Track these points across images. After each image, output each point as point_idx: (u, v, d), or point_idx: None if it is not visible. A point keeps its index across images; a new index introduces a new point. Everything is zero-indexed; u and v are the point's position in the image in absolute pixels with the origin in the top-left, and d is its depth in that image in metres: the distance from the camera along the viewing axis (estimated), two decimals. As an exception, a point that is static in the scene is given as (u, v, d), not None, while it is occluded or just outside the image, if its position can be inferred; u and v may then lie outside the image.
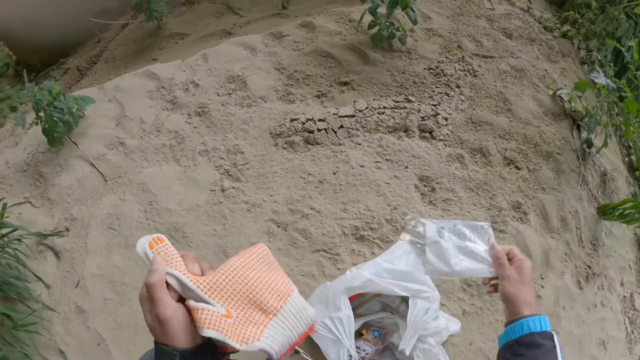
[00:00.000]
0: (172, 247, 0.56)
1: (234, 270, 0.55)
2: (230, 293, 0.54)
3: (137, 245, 0.54)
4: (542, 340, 0.66)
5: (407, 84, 1.58)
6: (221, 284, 0.54)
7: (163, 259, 0.54)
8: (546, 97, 1.79)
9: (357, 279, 1.04)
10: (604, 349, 1.75)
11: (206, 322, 0.51)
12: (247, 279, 0.55)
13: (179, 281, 0.53)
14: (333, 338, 1.03)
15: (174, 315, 0.51)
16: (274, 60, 1.64)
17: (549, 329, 0.68)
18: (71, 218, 1.49)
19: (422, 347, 1.10)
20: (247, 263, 0.57)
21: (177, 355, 0.51)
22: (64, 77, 2.68)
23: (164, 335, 0.52)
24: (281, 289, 0.57)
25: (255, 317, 0.55)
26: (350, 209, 1.29)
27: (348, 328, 1.02)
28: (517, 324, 0.69)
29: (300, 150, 1.39)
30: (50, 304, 1.34)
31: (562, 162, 1.66)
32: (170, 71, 1.79)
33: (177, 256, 0.55)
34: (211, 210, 1.38)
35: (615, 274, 1.92)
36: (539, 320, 0.68)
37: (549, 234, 1.55)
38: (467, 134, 1.51)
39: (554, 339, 0.67)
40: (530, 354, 0.66)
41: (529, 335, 0.67)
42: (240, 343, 0.52)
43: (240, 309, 0.55)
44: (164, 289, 0.52)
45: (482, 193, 1.43)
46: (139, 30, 2.40)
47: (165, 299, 0.51)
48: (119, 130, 1.69)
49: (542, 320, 0.68)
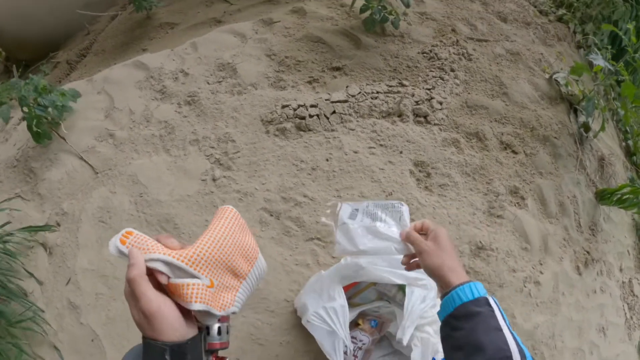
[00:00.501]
0: (143, 235, 0.54)
1: (214, 239, 0.56)
2: (211, 262, 0.55)
3: (109, 247, 0.53)
4: (477, 308, 0.63)
5: (401, 69, 1.55)
6: (204, 254, 0.54)
7: (139, 250, 0.52)
8: (542, 81, 1.76)
9: (351, 268, 1.02)
10: (603, 334, 1.74)
11: (193, 296, 0.51)
12: (224, 246, 0.56)
13: (164, 262, 0.52)
14: (328, 329, 1.00)
15: (159, 309, 0.50)
16: (265, 47, 1.60)
17: (482, 294, 0.64)
18: (62, 212, 1.46)
19: (419, 336, 1.08)
20: (223, 230, 0.57)
21: (167, 349, 0.50)
22: (54, 71, 2.63)
23: (152, 330, 0.50)
24: (250, 253, 0.60)
25: (229, 282, 0.57)
26: (344, 196, 1.26)
27: (343, 318, 0.99)
28: (448, 298, 0.66)
29: (292, 137, 1.36)
30: (43, 300, 1.32)
31: (560, 147, 1.64)
32: (160, 61, 1.75)
33: (151, 241, 0.54)
34: (202, 201, 1.35)
35: (614, 260, 1.91)
36: (470, 288, 0.65)
37: (547, 219, 1.53)
38: (462, 118, 1.48)
39: (489, 303, 0.63)
40: (468, 326, 0.62)
41: (462, 306, 0.63)
42: (219, 309, 0.54)
43: (219, 277, 0.56)
44: (145, 282, 0.50)
45: (479, 178, 1.40)
46: (128, 21, 2.35)
47: (148, 293, 0.50)
48: (109, 122, 1.65)
49: (472, 287, 0.65)
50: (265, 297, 1.17)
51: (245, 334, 1.18)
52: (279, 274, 1.18)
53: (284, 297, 1.17)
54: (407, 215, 0.83)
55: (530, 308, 1.38)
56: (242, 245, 0.59)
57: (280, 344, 1.16)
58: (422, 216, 1.27)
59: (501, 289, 1.33)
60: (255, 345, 1.17)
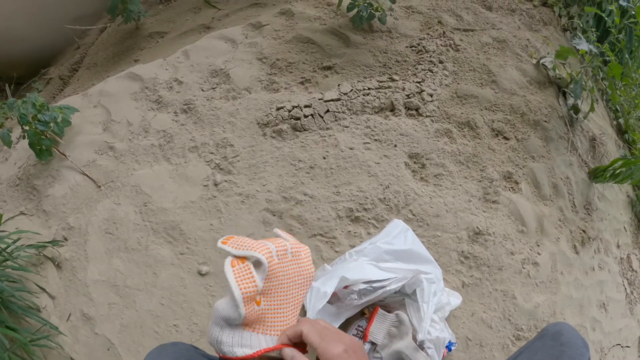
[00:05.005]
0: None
1: (285, 277, 0.66)
2: (272, 291, 0.65)
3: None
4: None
5: (390, 63, 1.58)
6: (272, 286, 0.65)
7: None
8: (530, 67, 1.80)
9: (356, 272, 1.04)
10: (604, 310, 1.79)
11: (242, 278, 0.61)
12: (287, 291, 0.67)
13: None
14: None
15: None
16: (256, 51, 1.63)
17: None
18: (68, 227, 1.49)
19: (431, 333, 1.11)
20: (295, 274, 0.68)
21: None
22: (46, 87, 2.65)
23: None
24: (292, 318, 0.70)
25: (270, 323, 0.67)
26: (343, 192, 1.30)
27: (314, 301, 0.99)
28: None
29: (288, 137, 1.39)
30: (57, 314, 1.34)
31: (550, 130, 1.67)
32: (153, 71, 1.78)
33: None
34: (206, 206, 1.38)
35: (611, 237, 1.95)
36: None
37: (541, 202, 1.57)
38: (453, 109, 1.51)
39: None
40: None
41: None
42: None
43: (268, 306, 0.65)
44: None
45: (473, 166, 1.44)
46: (118, 32, 2.37)
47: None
48: (107, 135, 1.68)
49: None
50: (273, 295, 1.21)
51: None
52: (285, 272, 1.22)
53: (291, 294, 1.21)
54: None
55: (530, 288, 1.42)
56: (295, 302, 0.70)
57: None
58: (419, 206, 1.31)
59: (500, 272, 1.37)
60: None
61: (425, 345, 1.07)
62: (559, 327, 0.85)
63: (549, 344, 0.82)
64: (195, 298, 1.28)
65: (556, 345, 0.80)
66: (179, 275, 1.32)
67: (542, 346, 0.83)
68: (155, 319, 1.28)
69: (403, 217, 1.29)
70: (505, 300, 1.35)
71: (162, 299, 1.31)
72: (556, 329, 0.84)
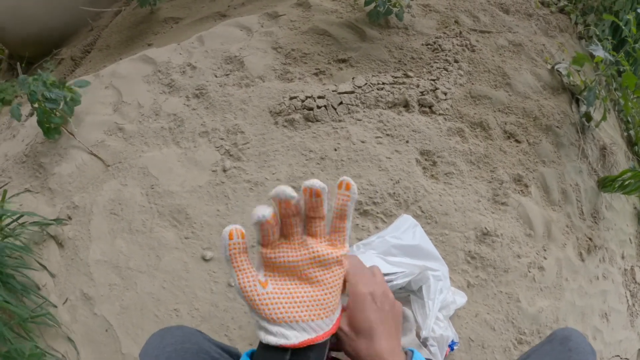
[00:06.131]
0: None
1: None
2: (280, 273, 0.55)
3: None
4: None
5: (405, 60, 1.57)
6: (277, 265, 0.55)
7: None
8: (544, 72, 1.79)
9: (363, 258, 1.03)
10: (606, 320, 1.77)
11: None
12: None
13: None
14: None
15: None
16: (271, 40, 1.62)
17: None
18: (73, 206, 1.48)
19: (435, 331, 1.10)
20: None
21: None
22: (58, 67, 2.65)
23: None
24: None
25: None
26: (353, 184, 1.29)
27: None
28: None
29: (300, 127, 1.38)
30: (56, 292, 1.34)
31: (562, 136, 1.66)
32: (167, 55, 1.77)
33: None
34: (213, 191, 1.38)
35: (616, 247, 1.94)
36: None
37: (550, 207, 1.56)
38: (466, 108, 1.50)
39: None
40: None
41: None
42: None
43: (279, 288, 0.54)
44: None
45: (483, 166, 1.43)
46: (132, 16, 2.37)
47: None
48: (117, 116, 1.67)
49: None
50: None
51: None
52: (290, 261, 1.21)
53: (296, 283, 1.20)
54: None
55: (535, 292, 1.41)
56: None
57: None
58: (428, 203, 1.30)
59: (506, 274, 1.36)
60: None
61: (429, 343, 1.06)
62: (568, 333, 0.84)
63: (558, 348, 0.81)
64: (197, 283, 1.27)
65: (564, 350, 0.79)
66: (182, 260, 1.31)
67: (550, 350, 0.82)
68: (156, 303, 1.28)
69: (412, 213, 1.28)
70: (509, 303, 1.34)
71: (164, 283, 1.30)
72: (565, 334, 0.83)
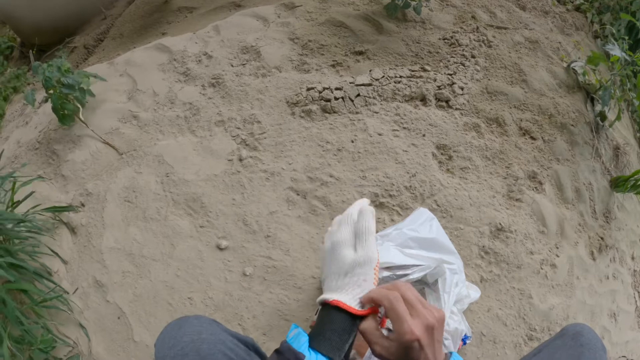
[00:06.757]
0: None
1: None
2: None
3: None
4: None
5: (422, 54, 1.57)
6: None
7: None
8: (560, 70, 1.78)
9: (382, 256, 1.01)
10: (614, 320, 1.77)
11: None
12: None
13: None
14: None
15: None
16: (288, 31, 1.62)
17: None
18: (86, 193, 1.48)
19: (448, 324, 1.10)
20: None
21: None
22: (70, 55, 2.65)
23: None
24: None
25: None
26: (369, 177, 1.29)
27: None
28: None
29: (317, 118, 1.38)
30: (68, 279, 1.34)
31: (576, 134, 1.66)
32: (182, 44, 1.77)
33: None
34: (229, 180, 1.38)
35: (627, 248, 1.94)
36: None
37: (563, 204, 1.56)
38: (482, 104, 1.50)
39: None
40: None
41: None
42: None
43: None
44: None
45: (499, 162, 1.43)
46: (146, 5, 2.37)
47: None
48: (132, 104, 1.67)
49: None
50: (292, 274, 1.21)
51: (273, 309, 1.21)
52: (306, 252, 1.21)
53: (310, 273, 1.20)
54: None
55: (547, 289, 1.41)
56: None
57: (307, 319, 1.20)
58: (444, 197, 1.30)
59: (519, 270, 1.36)
60: (282, 320, 1.19)
61: (444, 336, 1.06)
62: (580, 328, 0.84)
63: (569, 343, 0.81)
64: (212, 272, 1.27)
65: (576, 346, 0.79)
66: (197, 248, 1.31)
67: (562, 345, 0.82)
68: (170, 291, 1.27)
69: (427, 206, 1.29)
70: (521, 299, 1.34)
71: (177, 271, 1.30)
72: (576, 330, 0.83)
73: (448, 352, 0.62)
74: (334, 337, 0.60)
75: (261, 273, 1.24)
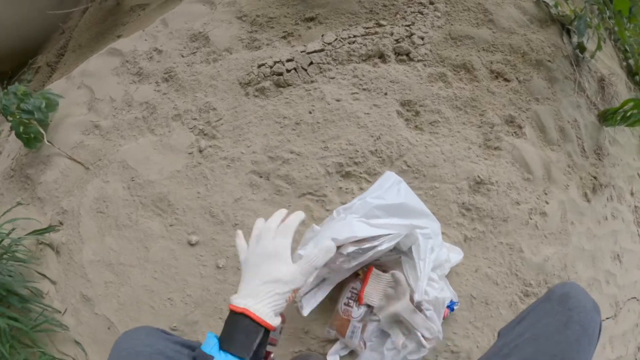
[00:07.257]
0: None
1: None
2: None
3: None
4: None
5: (377, 9, 1.47)
6: None
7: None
8: (529, 4, 1.67)
9: (344, 231, 0.94)
10: (619, 262, 1.69)
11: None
12: None
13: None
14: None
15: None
16: (234, 10, 1.54)
17: None
18: (62, 211, 1.47)
19: (429, 293, 1.03)
20: None
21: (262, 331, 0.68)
22: (36, 76, 2.61)
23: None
24: None
25: None
26: (332, 147, 1.22)
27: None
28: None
29: (272, 95, 1.32)
30: (58, 298, 1.34)
31: (555, 70, 1.56)
32: (132, 44, 1.71)
33: None
34: (191, 174, 1.33)
35: (624, 184, 1.84)
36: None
37: (548, 146, 1.47)
38: (447, 51, 1.41)
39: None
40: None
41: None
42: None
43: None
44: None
45: (471, 110, 1.35)
46: (99, 11, 2.30)
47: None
48: (92, 114, 1.64)
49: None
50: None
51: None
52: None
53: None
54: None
55: (539, 240, 1.33)
56: None
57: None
58: (414, 156, 1.23)
59: (505, 224, 1.29)
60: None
61: (423, 307, 0.99)
62: (567, 289, 0.76)
63: (556, 308, 0.73)
64: (186, 269, 1.25)
65: (564, 310, 0.72)
66: (169, 248, 1.28)
67: (549, 309, 0.74)
68: (150, 294, 1.26)
69: (397, 169, 1.22)
70: (511, 254, 1.27)
71: (154, 273, 1.28)
72: (563, 291, 0.76)
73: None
74: (241, 338, 0.65)
75: (234, 263, 1.20)
